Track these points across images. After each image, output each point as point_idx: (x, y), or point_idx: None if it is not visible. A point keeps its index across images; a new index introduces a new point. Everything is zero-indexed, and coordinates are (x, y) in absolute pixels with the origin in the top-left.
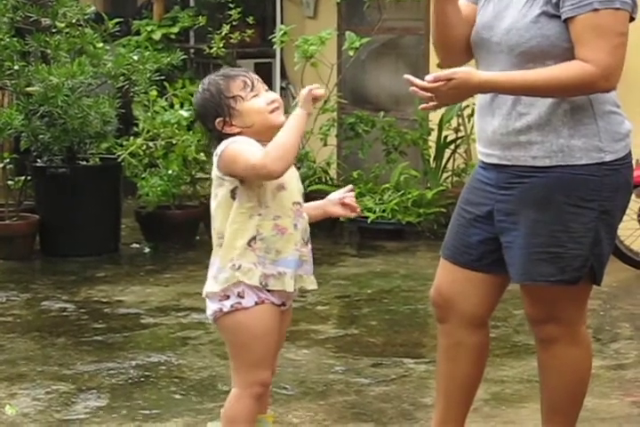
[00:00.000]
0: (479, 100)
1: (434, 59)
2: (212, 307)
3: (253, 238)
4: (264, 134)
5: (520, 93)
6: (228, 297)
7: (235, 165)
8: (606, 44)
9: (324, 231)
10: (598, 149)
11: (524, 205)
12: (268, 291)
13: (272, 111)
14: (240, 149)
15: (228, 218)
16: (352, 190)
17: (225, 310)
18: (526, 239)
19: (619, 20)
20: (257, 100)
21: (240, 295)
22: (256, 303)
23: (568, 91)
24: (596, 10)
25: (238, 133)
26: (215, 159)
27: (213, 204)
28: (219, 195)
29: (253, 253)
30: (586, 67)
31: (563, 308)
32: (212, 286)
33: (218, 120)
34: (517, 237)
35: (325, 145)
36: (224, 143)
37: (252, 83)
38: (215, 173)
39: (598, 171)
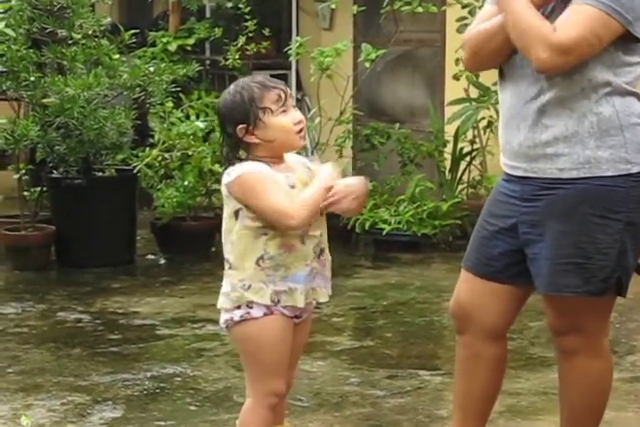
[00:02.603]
0: (503, 112)
1: (449, 70)
2: (224, 316)
3: (261, 258)
4: (280, 152)
5: (502, 8)
6: (238, 307)
7: (254, 200)
8: (580, 32)
9: (340, 243)
10: (625, 160)
11: (549, 217)
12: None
13: (297, 133)
14: (266, 187)
15: (232, 236)
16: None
17: (235, 319)
18: (552, 250)
19: (602, 24)
20: (285, 117)
21: (249, 306)
22: (265, 314)
23: (522, 36)
24: (590, 4)
25: (256, 144)
26: (225, 179)
27: (224, 218)
28: (225, 213)
29: (263, 272)
30: (552, 30)
31: (586, 319)
32: (223, 302)
33: (240, 127)
34: (543, 249)
35: (341, 157)
36: (241, 168)
37: (285, 98)
38: (223, 190)
39: (625, 182)
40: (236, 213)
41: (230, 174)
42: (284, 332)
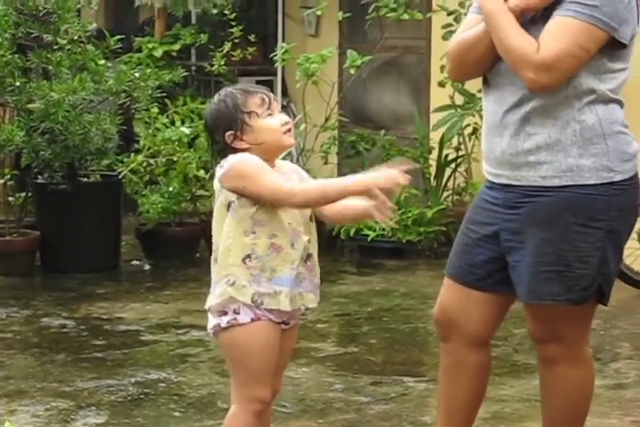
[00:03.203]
0: (486, 120)
1: (435, 77)
2: (212, 321)
3: (248, 256)
4: (271, 154)
5: (486, 18)
6: (225, 313)
7: (251, 181)
8: (562, 46)
9: (325, 249)
10: (607, 168)
11: (531, 224)
12: (265, 309)
13: (285, 132)
14: (263, 170)
15: (222, 231)
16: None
17: (222, 325)
18: (533, 258)
19: (588, 34)
20: (271, 119)
21: (236, 312)
22: (252, 320)
23: (507, 55)
24: (569, 16)
25: (246, 149)
26: (220, 171)
27: (215, 213)
28: (216, 207)
29: (248, 271)
30: (534, 48)
31: (567, 327)
32: (210, 299)
33: (228, 133)
34: (525, 256)
35: (326, 163)
36: (234, 158)
37: (269, 101)
38: (216, 184)
39: (607, 191)
40: (229, 207)
41: (223, 166)
42: (271, 338)
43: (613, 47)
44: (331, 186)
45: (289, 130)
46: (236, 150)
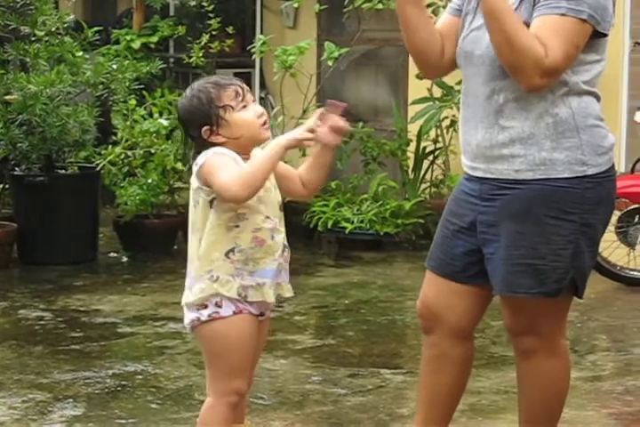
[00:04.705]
0: (463, 112)
1: (413, 70)
2: (189, 316)
3: (232, 250)
4: (248, 147)
5: (489, 17)
6: (205, 306)
7: (211, 178)
8: (565, 48)
9: (302, 241)
10: (581, 162)
11: (505, 217)
12: (247, 302)
13: (261, 125)
14: (220, 164)
15: (205, 228)
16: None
17: (203, 318)
18: (507, 251)
19: (580, 31)
20: (246, 112)
21: (218, 305)
22: (234, 313)
23: (515, 56)
24: (563, 15)
25: (223, 143)
26: (195, 169)
27: (192, 212)
28: (198, 204)
29: (232, 264)
30: (544, 52)
31: (542, 320)
32: (187, 296)
33: (204, 129)
34: (498, 249)
35: (304, 155)
36: (206, 153)
37: (243, 93)
38: (194, 181)
39: (580, 184)
40: (211, 203)
41: (198, 163)
42: (251, 331)
43: (590, 39)
44: (262, 159)
45: (265, 122)
46: (213, 145)
